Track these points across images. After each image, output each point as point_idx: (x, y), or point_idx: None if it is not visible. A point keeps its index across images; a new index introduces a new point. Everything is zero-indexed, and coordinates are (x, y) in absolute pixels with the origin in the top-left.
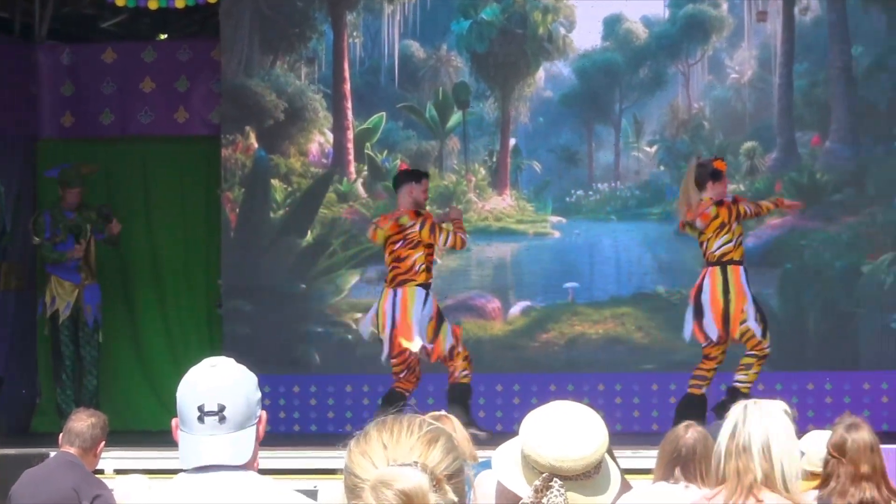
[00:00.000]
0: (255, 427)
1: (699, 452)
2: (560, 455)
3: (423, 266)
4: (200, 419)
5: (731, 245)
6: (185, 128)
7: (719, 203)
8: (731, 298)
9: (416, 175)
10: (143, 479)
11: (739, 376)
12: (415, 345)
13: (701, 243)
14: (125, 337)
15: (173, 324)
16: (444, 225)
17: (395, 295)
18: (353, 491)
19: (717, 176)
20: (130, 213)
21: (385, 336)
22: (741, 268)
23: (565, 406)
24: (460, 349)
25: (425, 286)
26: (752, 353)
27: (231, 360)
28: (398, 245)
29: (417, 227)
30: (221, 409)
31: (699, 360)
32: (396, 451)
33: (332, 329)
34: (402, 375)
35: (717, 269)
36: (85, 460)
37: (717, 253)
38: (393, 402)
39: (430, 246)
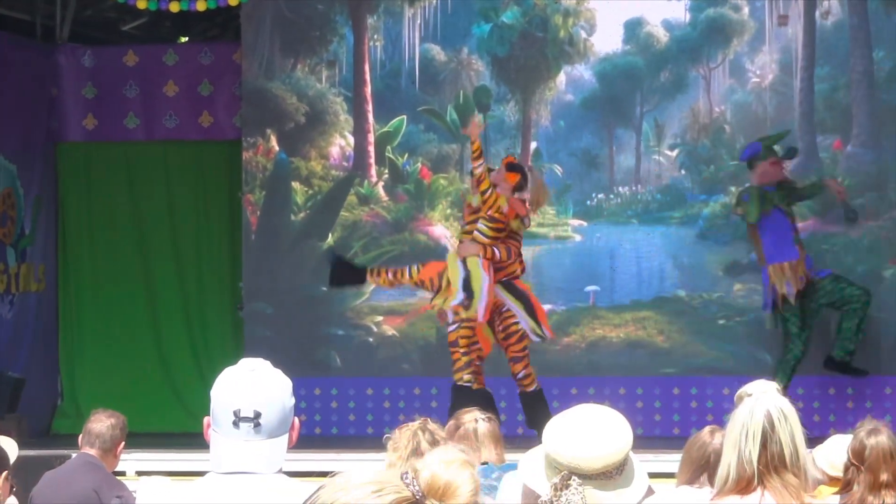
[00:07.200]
0: (288, 434)
1: None
2: (578, 454)
3: None
4: (235, 424)
5: None
6: (211, 132)
7: None
8: None
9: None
10: (166, 480)
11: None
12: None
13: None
14: (149, 338)
15: (195, 326)
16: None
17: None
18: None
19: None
20: (153, 216)
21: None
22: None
23: (591, 408)
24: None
25: None
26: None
27: (268, 364)
28: None
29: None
30: (257, 415)
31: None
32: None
33: (352, 332)
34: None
35: None
36: (105, 461)
37: None
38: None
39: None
